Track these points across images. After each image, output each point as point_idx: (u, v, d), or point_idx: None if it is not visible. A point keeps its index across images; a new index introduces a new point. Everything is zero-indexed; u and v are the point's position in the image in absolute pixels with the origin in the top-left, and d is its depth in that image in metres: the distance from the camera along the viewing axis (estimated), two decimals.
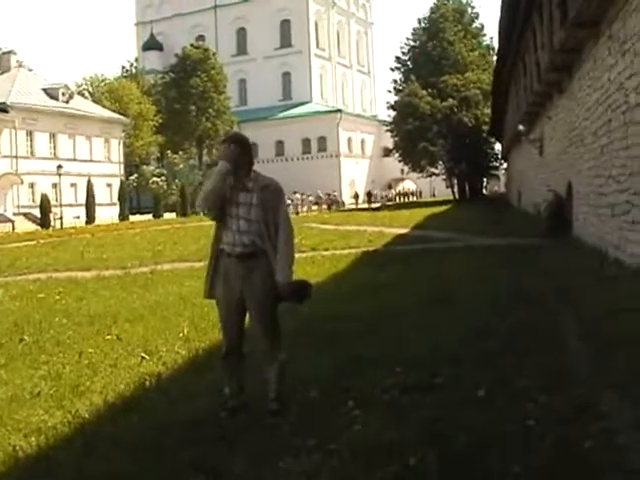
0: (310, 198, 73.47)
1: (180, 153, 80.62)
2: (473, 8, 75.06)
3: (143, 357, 7.47)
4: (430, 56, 68.15)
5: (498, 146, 69.24)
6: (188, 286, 13.54)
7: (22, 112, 62.77)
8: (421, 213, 41.91)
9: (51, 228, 52.77)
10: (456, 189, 71.12)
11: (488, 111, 59.86)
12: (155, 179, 76.75)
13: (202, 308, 9.92)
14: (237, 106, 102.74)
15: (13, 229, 51.84)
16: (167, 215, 65.65)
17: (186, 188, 70.21)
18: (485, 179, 79.95)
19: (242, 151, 5.43)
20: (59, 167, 58.26)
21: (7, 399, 6.33)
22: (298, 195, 69.76)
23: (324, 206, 72.20)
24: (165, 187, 75.46)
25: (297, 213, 60.78)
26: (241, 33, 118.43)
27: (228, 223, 5.45)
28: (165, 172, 78.61)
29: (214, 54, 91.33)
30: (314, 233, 28.26)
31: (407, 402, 5.47)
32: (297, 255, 18.69)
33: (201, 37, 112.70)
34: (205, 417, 5.38)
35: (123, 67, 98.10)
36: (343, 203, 76.47)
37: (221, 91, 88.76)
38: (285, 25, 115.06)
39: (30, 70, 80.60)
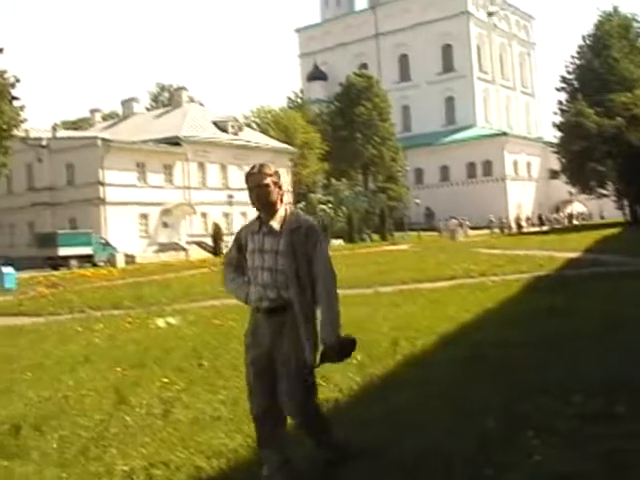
0: (467, 222, 71.74)
1: (344, 180, 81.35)
2: (638, 22, 72.45)
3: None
4: (596, 74, 66.21)
5: None
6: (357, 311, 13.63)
7: (194, 145, 65.42)
8: (591, 236, 40.65)
9: (222, 256, 54.36)
10: (627, 211, 68.47)
11: None
12: (322, 206, 77.86)
13: (375, 334, 10.00)
14: (401, 132, 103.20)
15: (187, 257, 53.86)
16: (334, 241, 66.32)
17: (353, 215, 70.90)
18: None
19: (274, 184, 4.70)
20: (230, 197, 60.17)
21: (189, 422, 6.54)
22: (454, 220, 67.51)
23: (496, 230, 70.90)
24: (332, 214, 76.38)
25: (453, 239, 57.91)
26: (403, 60, 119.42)
27: (252, 276, 4.77)
28: (332, 199, 79.62)
29: (378, 82, 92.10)
30: (482, 259, 27.89)
31: (587, 432, 5.30)
32: (467, 281, 18.60)
33: (364, 65, 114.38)
34: (378, 446, 5.33)
35: (289, 98, 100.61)
36: (513, 227, 73.46)
37: (385, 118, 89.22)
38: (447, 50, 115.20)
39: (201, 105, 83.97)
